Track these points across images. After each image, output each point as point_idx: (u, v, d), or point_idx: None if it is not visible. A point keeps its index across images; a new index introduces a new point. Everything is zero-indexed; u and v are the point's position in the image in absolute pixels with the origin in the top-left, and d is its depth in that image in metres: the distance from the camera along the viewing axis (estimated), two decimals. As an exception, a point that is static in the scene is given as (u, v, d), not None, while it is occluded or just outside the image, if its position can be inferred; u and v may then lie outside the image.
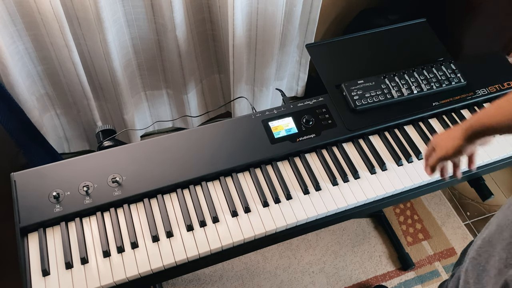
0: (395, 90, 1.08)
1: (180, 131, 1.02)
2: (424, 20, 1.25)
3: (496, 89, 1.15)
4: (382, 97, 1.07)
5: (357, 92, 1.06)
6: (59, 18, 1.17)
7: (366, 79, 1.09)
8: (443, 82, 1.10)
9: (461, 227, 1.69)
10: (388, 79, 1.09)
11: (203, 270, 1.53)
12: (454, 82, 1.11)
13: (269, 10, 1.40)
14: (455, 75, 1.12)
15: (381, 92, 1.07)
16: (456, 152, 0.83)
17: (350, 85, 1.07)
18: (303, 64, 1.75)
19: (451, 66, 1.12)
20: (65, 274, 0.84)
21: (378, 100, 1.06)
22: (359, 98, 1.06)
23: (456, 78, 1.11)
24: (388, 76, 1.10)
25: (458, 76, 1.12)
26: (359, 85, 1.07)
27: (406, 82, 1.09)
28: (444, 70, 1.12)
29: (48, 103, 1.50)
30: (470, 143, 0.81)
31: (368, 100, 1.06)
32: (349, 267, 1.57)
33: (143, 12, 1.34)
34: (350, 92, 1.06)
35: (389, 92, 1.07)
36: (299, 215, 0.94)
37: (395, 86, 1.08)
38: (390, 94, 1.07)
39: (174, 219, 0.92)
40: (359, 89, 1.07)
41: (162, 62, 1.53)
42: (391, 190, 0.99)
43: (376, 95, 1.06)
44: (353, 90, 1.07)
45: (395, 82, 1.09)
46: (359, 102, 1.05)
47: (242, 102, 1.72)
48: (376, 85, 1.08)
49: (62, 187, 0.91)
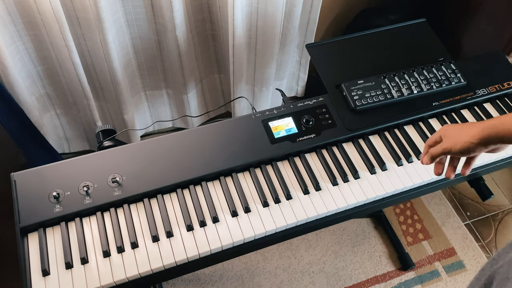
0: (395, 90, 1.08)
1: (180, 131, 1.01)
2: (424, 20, 1.25)
3: (496, 89, 1.15)
4: (382, 97, 1.07)
5: (357, 92, 1.06)
6: (59, 18, 1.17)
7: (366, 79, 1.09)
8: (443, 82, 1.10)
9: (461, 227, 1.69)
10: (388, 79, 1.09)
11: (203, 270, 1.53)
12: (454, 82, 1.11)
13: (269, 10, 1.40)
14: (455, 75, 1.12)
15: (381, 92, 1.07)
16: (465, 150, 0.77)
17: (350, 85, 1.07)
18: (303, 64, 1.75)
19: (451, 66, 1.12)
20: (65, 274, 0.84)
21: (378, 100, 1.06)
22: (359, 98, 1.06)
23: (456, 78, 1.11)
24: (388, 76, 1.10)
25: (458, 76, 1.12)
26: (359, 85, 1.07)
27: (406, 82, 1.09)
28: (444, 70, 1.12)
29: (48, 103, 1.50)
30: (483, 146, 0.75)
31: (368, 100, 1.06)
32: (349, 267, 1.57)
33: (143, 12, 1.34)
34: (350, 92, 1.06)
35: (389, 92, 1.07)
36: (299, 215, 0.94)
37: (395, 86, 1.08)
38: (390, 94, 1.07)
39: (174, 219, 0.92)
40: (359, 89, 1.07)
41: (162, 62, 1.53)
42: (391, 190, 0.99)
43: (376, 95, 1.06)
44: (353, 90, 1.07)
45: (395, 82, 1.09)
46: (359, 102, 1.05)
47: (242, 102, 1.72)
48: (376, 85, 1.08)
49: (62, 187, 0.91)
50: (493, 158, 1.06)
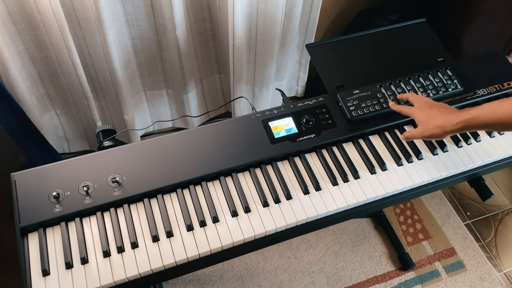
0: (391, 99, 1.07)
1: (180, 131, 1.01)
2: (424, 20, 1.25)
3: (496, 89, 1.15)
4: (379, 107, 1.05)
5: (353, 103, 1.05)
6: (59, 19, 1.17)
7: (362, 89, 1.07)
8: (439, 89, 1.10)
9: (461, 227, 1.69)
10: (384, 87, 1.08)
11: (203, 270, 1.53)
12: (451, 88, 1.10)
13: (269, 10, 1.40)
14: (451, 81, 1.11)
15: (377, 102, 1.06)
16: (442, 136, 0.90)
17: (346, 95, 1.06)
18: (303, 64, 1.75)
19: (447, 72, 1.12)
20: (65, 274, 0.84)
21: (374, 110, 1.05)
22: (355, 108, 1.05)
23: (453, 84, 1.11)
24: (384, 84, 1.08)
25: (455, 82, 1.11)
26: (355, 95, 1.06)
27: (402, 91, 1.08)
28: (441, 76, 1.11)
29: (48, 103, 1.50)
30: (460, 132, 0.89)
31: (364, 110, 1.05)
32: (349, 267, 1.57)
33: (143, 12, 1.34)
34: (346, 103, 1.05)
35: (386, 101, 1.07)
36: (299, 215, 0.94)
37: (392, 95, 1.07)
38: (386, 104, 1.06)
39: (174, 219, 0.92)
40: (355, 99, 1.06)
41: (162, 62, 1.53)
42: (391, 190, 0.99)
43: (373, 105, 1.05)
44: (348, 101, 1.06)
45: (391, 90, 1.08)
46: (355, 112, 1.04)
47: (242, 102, 1.72)
48: (372, 95, 1.07)
49: (62, 187, 0.91)
50: (493, 158, 1.06)
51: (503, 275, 1.59)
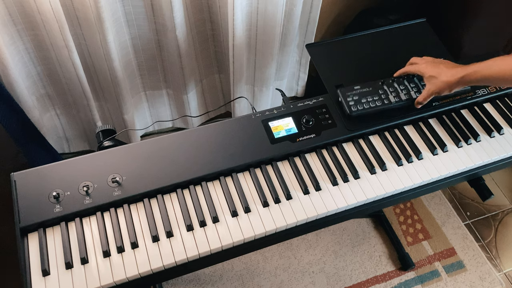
0: (393, 96, 1.07)
1: (180, 131, 1.01)
2: (424, 20, 1.25)
3: (496, 89, 1.15)
4: (379, 103, 1.05)
5: (352, 98, 1.05)
6: (59, 18, 1.17)
7: (363, 85, 1.07)
8: None
9: (461, 227, 1.69)
10: (386, 84, 1.08)
11: (203, 270, 1.53)
12: None
13: (269, 10, 1.40)
14: None
15: (378, 98, 1.06)
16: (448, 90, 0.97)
17: (345, 91, 1.06)
18: (303, 64, 1.75)
19: None
20: (65, 274, 0.84)
21: (374, 106, 1.05)
22: (355, 103, 1.05)
23: None
24: (386, 81, 1.08)
25: None
26: (355, 91, 1.06)
27: (405, 88, 1.08)
28: None
29: (48, 103, 1.50)
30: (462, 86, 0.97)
31: (364, 106, 1.05)
32: (349, 267, 1.57)
33: (143, 12, 1.34)
34: (345, 98, 1.05)
35: (387, 97, 1.06)
36: (299, 215, 0.94)
37: (393, 92, 1.07)
38: (387, 100, 1.06)
39: (174, 219, 0.92)
40: (355, 95, 1.05)
41: (162, 62, 1.53)
42: (391, 190, 0.99)
43: (373, 101, 1.05)
44: (348, 96, 1.06)
45: (393, 87, 1.08)
46: (355, 107, 1.04)
47: (242, 102, 1.72)
48: (374, 91, 1.07)
49: (62, 187, 0.91)
50: (493, 158, 1.06)
51: (503, 275, 1.59)
